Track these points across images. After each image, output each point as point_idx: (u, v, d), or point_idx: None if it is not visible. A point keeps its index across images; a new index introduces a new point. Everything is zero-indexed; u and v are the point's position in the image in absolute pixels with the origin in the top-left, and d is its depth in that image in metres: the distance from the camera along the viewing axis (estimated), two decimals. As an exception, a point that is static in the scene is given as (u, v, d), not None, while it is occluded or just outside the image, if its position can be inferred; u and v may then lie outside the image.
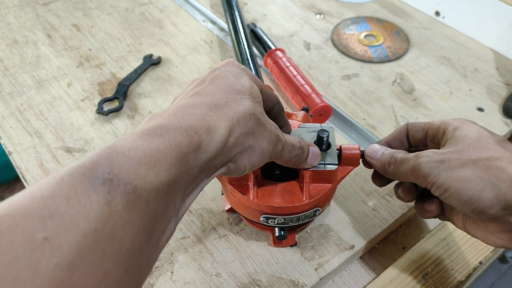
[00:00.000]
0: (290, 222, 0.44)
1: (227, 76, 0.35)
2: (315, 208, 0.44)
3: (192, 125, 0.29)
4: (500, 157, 0.34)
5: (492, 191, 0.33)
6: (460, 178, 0.34)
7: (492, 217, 0.34)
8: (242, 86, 0.34)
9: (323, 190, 0.44)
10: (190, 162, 0.28)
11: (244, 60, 0.63)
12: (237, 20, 0.70)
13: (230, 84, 0.34)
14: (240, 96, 0.33)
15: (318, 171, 0.43)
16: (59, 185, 0.23)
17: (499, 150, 0.34)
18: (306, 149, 0.40)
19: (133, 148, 0.26)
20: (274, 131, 0.35)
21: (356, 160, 0.44)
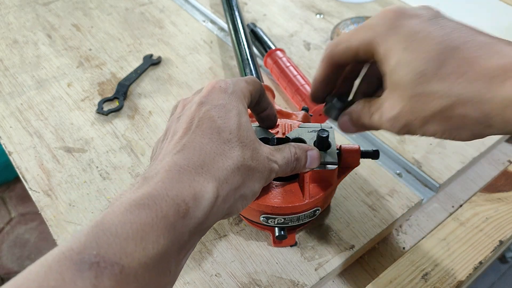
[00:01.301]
0: (290, 222, 0.44)
1: (214, 118, 0.33)
2: (315, 208, 0.44)
3: (178, 193, 0.29)
4: (452, 105, 0.30)
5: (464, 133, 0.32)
6: (433, 132, 0.32)
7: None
8: (230, 132, 0.33)
9: (323, 190, 0.44)
10: (178, 229, 0.28)
11: (244, 60, 0.63)
12: (237, 20, 0.70)
13: (217, 130, 0.33)
14: (228, 146, 0.33)
15: (318, 171, 0.42)
16: (47, 276, 0.24)
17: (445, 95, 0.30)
18: (303, 158, 0.39)
19: (120, 224, 0.27)
20: (266, 167, 0.35)
21: (356, 160, 0.44)
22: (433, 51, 0.30)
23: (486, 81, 0.28)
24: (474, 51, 0.29)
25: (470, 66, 0.29)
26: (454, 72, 0.29)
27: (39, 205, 0.53)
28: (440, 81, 0.30)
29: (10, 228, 1.53)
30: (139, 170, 0.57)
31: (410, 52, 0.31)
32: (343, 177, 0.46)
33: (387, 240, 0.52)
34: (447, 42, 0.30)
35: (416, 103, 0.31)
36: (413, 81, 0.31)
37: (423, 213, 0.55)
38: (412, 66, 0.31)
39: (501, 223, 0.53)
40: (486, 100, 0.28)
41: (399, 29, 0.32)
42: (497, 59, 0.29)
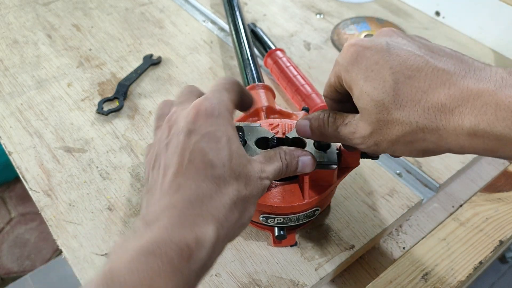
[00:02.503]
0: (290, 222, 0.44)
1: (205, 151, 0.33)
2: (314, 208, 0.44)
3: (182, 238, 0.29)
4: (412, 131, 0.32)
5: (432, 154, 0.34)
6: (402, 153, 0.35)
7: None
8: (223, 165, 0.33)
9: (323, 190, 0.43)
10: (184, 273, 0.29)
11: (244, 60, 0.63)
12: (238, 20, 0.70)
13: (211, 165, 0.32)
14: (223, 182, 0.33)
15: (317, 171, 0.42)
16: None
17: (404, 122, 0.32)
18: (293, 163, 0.39)
19: (128, 273, 0.27)
20: (259, 188, 0.35)
21: (356, 160, 0.44)
22: (389, 81, 0.32)
23: (438, 110, 0.31)
24: (426, 80, 0.31)
25: (423, 95, 0.31)
26: (410, 100, 0.32)
27: (39, 205, 0.53)
28: (399, 109, 0.32)
29: (10, 228, 1.53)
30: (139, 170, 0.57)
31: (368, 82, 0.33)
32: (343, 177, 0.46)
33: (387, 240, 0.52)
34: (402, 71, 0.32)
35: (381, 128, 0.33)
36: (374, 109, 0.33)
37: (423, 213, 0.55)
38: (372, 96, 0.33)
39: (501, 223, 0.53)
40: (441, 128, 0.31)
41: (359, 61, 0.34)
42: (445, 89, 0.31)
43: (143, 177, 0.56)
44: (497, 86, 0.29)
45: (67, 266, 0.48)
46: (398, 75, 0.32)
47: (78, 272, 0.47)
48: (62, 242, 0.50)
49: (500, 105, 0.28)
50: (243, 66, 0.62)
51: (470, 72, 0.31)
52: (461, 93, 0.30)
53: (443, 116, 0.31)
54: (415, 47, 0.33)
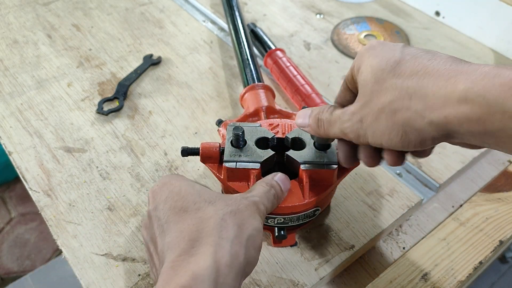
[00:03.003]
0: (290, 222, 0.44)
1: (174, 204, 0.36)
2: (314, 208, 0.44)
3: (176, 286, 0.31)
4: (400, 97, 0.33)
5: (411, 133, 0.33)
6: (382, 132, 0.34)
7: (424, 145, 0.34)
8: (194, 202, 0.36)
9: (323, 190, 0.43)
10: None
11: (244, 61, 0.63)
12: (238, 20, 0.70)
13: (182, 208, 0.36)
14: (201, 211, 0.35)
15: (317, 171, 0.42)
16: None
17: (396, 88, 0.33)
18: (275, 185, 0.40)
19: None
20: (246, 203, 0.36)
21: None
22: (394, 56, 0.34)
23: (433, 78, 0.31)
24: (433, 61, 0.33)
25: (422, 68, 0.32)
26: (408, 70, 0.33)
27: (39, 205, 0.53)
28: (394, 77, 0.33)
29: (10, 228, 1.53)
30: (139, 170, 0.57)
31: (377, 58, 0.35)
32: (343, 177, 0.46)
33: (387, 240, 0.52)
34: (412, 53, 0.34)
35: (371, 98, 0.34)
36: (372, 78, 0.34)
37: (423, 213, 0.55)
38: (375, 66, 0.35)
39: (501, 223, 0.53)
40: (430, 94, 0.31)
41: (376, 48, 0.36)
42: (447, 65, 0.32)
43: (143, 177, 0.56)
44: (499, 68, 0.29)
45: (67, 266, 0.48)
46: (407, 55, 0.34)
47: (78, 272, 0.47)
48: (62, 242, 0.50)
49: (499, 75, 0.28)
50: (243, 66, 0.62)
51: (473, 65, 0.31)
52: (462, 69, 0.31)
53: (436, 83, 0.31)
54: (418, 49, 0.35)
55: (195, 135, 0.61)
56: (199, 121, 0.63)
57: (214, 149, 0.44)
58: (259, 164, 0.43)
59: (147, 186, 0.55)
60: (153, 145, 0.60)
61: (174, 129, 0.62)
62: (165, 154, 0.59)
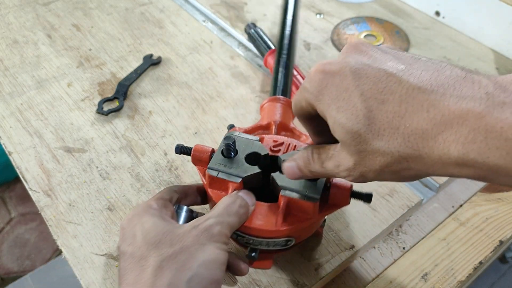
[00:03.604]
0: (260, 245, 0.42)
1: (122, 250, 0.37)
2: (287, 237, 0.41)
3: None
4: (395, 161, 0.30)
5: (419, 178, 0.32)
6: (390, 180, 0.32)
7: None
8: (138, 247, 0.36)
9: (299, 222, 0.40)
10: None
11: (279, 71, 0.59)
12: (287, 29, 0.66)
13: (125, 254, 0.36)
14: (143, 260, 0.35)
15: (296, 201, 0.40)
16: None
17: (385, 153, 0.30)
18: (241, 199, 0.39)
19: None
20: (194, 239, 0.35)
21: (345, 199, 0.41)
22: (361, 109, 0.29)
23: (419, 137, 0.27)
24: (401, 104, 0.28)
25: (401, 121, 0.28)
26: (387, 128, 0.29)
27: (39, 205, 0.53)
28: (377, 138, 0.29)
29: (10, 228, 1.53)
30: (139, 170, 0.57)
31: (341, 113, 0.30)
32: (327, 213, 0.42)
33: (387, 240, 0.52)
34: (374, 96, 0.29)
35: (363, 159, 0.31)
36: (352, 141, 0.30)
37: (423, 213, 0.55)
38: (346, 127, 0.30)
39: (501, 223, 0.53)
40: (425, 157, 0.28)
41: (329, 90, 0.31)
42: (423, 112, 0.27)
43: (143, 177, 0.56)
44: (484, 106, 0.25)
45: (67, 266, 0.48)
46: (371, 101, 0.29)
47: (78, 272, 0.47)
48: (62, 242, 0.50)
49: (490, 131, 0.25)
50: (276, 76, 0.59)
51: (449, 88, 0.27)
52: (442, 117, 0.26)
53: (426, 143, 0.27)
54: (386, 63, 0.30)
55: (195, 135, 0.61)
56: (199, 121, 0.63)
57: (205, 153, 0.43)
58: (240, 178, 0.41)
59: (147, 186, 0.55)
60: (153, 145, 0.60)
61: (174, 129, 0.62)
62: (165, 154, 0.59)
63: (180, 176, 0.56)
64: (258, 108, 0.65)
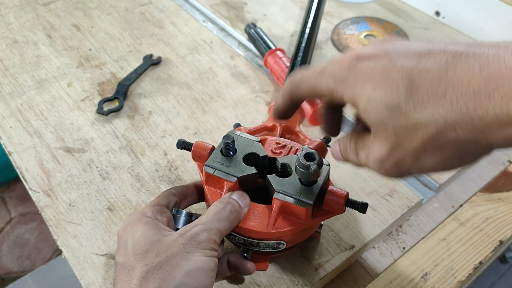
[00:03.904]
0: (250, 246, 0.42)
1: (118, 262, 0.37)
2: (278, 240, 0.41)
3: None
4: (440, 131, 0.27)
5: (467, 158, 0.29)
6: (429, 167, 0.29)
7: None
8: (128, 257, 0.36)
9: (291, 225, 0.40)
10: None
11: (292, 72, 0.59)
12: (306, 32, 0.66)
13: (117, 264, 0.36)
14: (131, 271, 0.35)
15: (289, 205, 0.39)
16: None
17: (429, 122, 0.27)
18: (233, 203, 0.39)
19: None
20: (179, 247, 0.35)
21: (339, 206, 0.40)
22: (403, 81, 0.27)
23: (470, 98, 0.25)
24: (447, 70, 0.26)
25: (448, 85, 0.26)
26: (432, 95, 0.26)
27: (39, 205, 0.53)
28: (419, 109, 0.27)
29: (10, 228, 1.53)
30: (139, 170, 0.57)
31: (378, 89, 0.28)
32: (321, 219, 0.41)
33: (387, 240, 0.52)
34: (416, 66, 0.27)
35: (401, 139, 0.28)
36: (390, 117, 0.28)
37: (423, 213, 0.55)
38: (384, 101, 0.28)
39: (501, 223, 0.53)
40: (478, 119, 0.25)
41: (362, 71, 0.30)
42: (476, 72, 0.25)
43: (143, 177, 0.56)
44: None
45: (67, 266, 0.48)
46: (412, 72, 0.27)
47: (78, 272, 0.47)
48: (62, 242, 0.50)
49: None
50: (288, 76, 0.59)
51: (501, 48, 0.25)
52: (498, 72, 0.24)
53: (478, 103, 0.25)
54: (423, 43, 0.29)
55: (195, 135, 0.61)
56: (199, 121, 0.63)
57: (205, 150, 0.44)
58: (235, 178, 0.41)
59: (147, 186, 0.55)
60: (153, 145, 0.60)
61: (174, 129, 0.62)
62: (165, 154, 0.59)
63: (180, 176, 0.56)
64: (258, 108, 0.65)
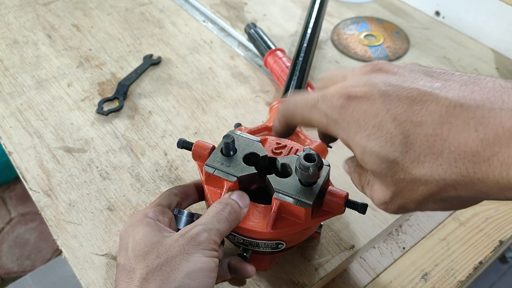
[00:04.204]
0: (250, 246, 0.42)
1: (120, 265, 0.37)
2: (277, 240, 0.41)
3: None
4: (441, 189, 0.27)
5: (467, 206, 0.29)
6: (432, 210, 0.30)
7: None
8: (128, 259, 0.36)
9: (290, 226, 0.40)
10: None
11: (294, 72, 0.59)
12: (308, 33, 0.66)
13: (124, 268, 0.36)
14: (132, 273, 0.35)
15: (288, 205, 0.39)
16: None
17: (428, 181, 0.27)
18: (233, 204, 0.39)
19: None
20: (180, 248, 0.35)
21: (339, 207, 0.40)
22: (397, 136, 0.26)
23: (469, 160, 0.24)
24: (443, 124, 0.25)
25: (445, 144, 0.25)
26: (429, 153, 0.25)
27: (39, 205, 0.53)
28: (416, 165, 0.26)
29: (10, 228, 1.53)
30: (139, 170, 0.57)
31: (372, 141, 0.27)
32: (321, 220, 0.41)
33: (387, 240, 0.52)
34: (410, 119, 0.26)
35: (402, 190, 0.28)
36: (388, 171, 0.27)
37: (423, 213, 0.55)
38: (380, 156, 0.27)
39: (501, 223, 0.53)
40: (478, 182, 0.24)
41: (354, 117, 0.28)
42: (471, 132, 0.24)
43: (143, 177, 0.56)
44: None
45: (67, 266, 0.48)
46: (406, 125, 0.26)
47: (78, 272, 0.47)
48: (62, 242, 0.50)
49: None
50: (289, 78, 0.59)
51: (497, 102, 0.24)
52: (495, 135, 0.23)
53: (478, 167, 0.24)
54: (418, 81, 0.27)
55: (195, 135, 0.61)
56: (199, 121, 0.63)
57: (205, 149, 0.43)
58: (235, 178, 0.41)
59: (147, 186, 0.55)
60: (153, 145, 0.60)
61: (174, 129, 0.62)
62: (165, 154, 0.59)
63: (180, 176, 0.56)
64: (258, 108, 0.65)
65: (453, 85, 0.26)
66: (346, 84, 0.30)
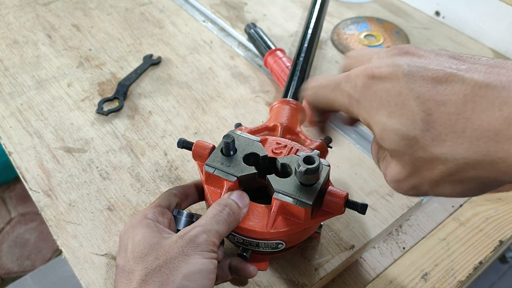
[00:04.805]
0: (250, 246, 0.42)
1: (119, 266, 0.36)
2: (277, 240, 0.41)
3: None
4: (460, 169, 0.26)
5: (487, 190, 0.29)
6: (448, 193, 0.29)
7: None
8: (127, 260, 0.36)
9: (290, 226, 0.40)
10: None
11: (295, 73, 0.59)
12: (309, 32, 0.66)
13: (123, 270, 0.36)
14: (131, 274, 0.35)
15: (288, 205, 0.39)
16: None
17: (448, 160, 0.27)
18: (232, 205, 0.39)
19: None
20: (180, 249, 0.35)
21: (339, 207, 0.40)
22: (419, 113, 0.26)
23: (491, 139, 0.24)
24: (467, 103, 0.25)
25: (467, 123, 0.25)
26: (450, 132, 0.25)
27: (39, 205, 0.53)
28: (437, 143, 0.26)
29: (10, 228, 1.53)
30: (139, 170, 0.57)
31: (394, 118, 0.27)
32: (321, 220, 0.41)
33: (387, 240, 0.52)
34: (433, 97, 0.26)
35: (419, 168, 0.28)
36: (407, 149, 0.27)
37: (423, 213, 0.55)
38: (400, 133, 0.27)
39: (501, 223, 0.53)
40: (499, 160, 0.24)
41: (377, 95, 0.29)
42: (495, 110, 0.24)
43: (143, 177, 0.56)
44: None
45: (67, 266, 0.48)
46: (429, 103, 0.26)
47: (78, 272, 0.47)
48: (62, 242, 0.50)
49: None
50: (290, 78, 0.59)
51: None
52: (503, 113, 0.24)
53: (500, 146, 0.24)
54: (443, 63, 0.27)
55: (195, 135, 0.61)
56: (199, 121, 0.63)
57: (205, 149, 0.43)
58: (235, 178, 0.41)
59: (147, 186, 0.55)
60: (153, 145, 0.60)
61: (174, 129, 0.62)
62: (165, 154, 0.59)
63: (180, 176, 0.56)
64: (258, 108, 0.65)
65: (479, 67, 0.26)
66: (371, 65, 0.30)
